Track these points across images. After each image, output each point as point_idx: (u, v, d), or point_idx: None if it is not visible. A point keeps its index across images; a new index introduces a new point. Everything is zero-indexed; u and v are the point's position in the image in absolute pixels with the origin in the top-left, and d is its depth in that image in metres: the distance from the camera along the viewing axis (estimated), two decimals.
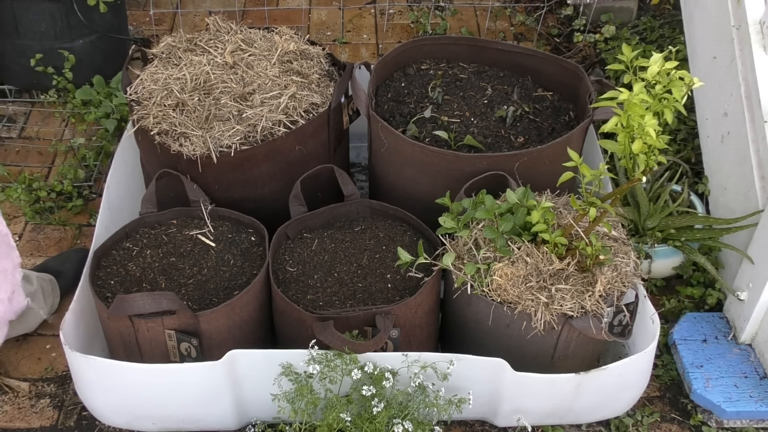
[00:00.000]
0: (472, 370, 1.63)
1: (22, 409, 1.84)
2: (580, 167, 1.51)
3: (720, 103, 2.05)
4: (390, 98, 2.08)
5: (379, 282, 1.74)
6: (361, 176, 2.41)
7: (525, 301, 1.59)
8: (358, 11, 3.21)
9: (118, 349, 1.73)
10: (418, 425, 1.61)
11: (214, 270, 1.77)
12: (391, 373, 1.60)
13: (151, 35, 2.92)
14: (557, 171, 1.57)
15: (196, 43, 2.08)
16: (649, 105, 1.33)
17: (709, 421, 1.84)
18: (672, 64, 1.32)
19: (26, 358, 1.95)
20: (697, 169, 2.23)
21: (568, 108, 2.07)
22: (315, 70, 2.03)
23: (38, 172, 2.45)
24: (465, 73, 2.16)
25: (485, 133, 1.98)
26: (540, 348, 1.66)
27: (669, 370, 1.94)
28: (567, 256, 1.64)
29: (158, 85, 1.95)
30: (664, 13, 2.93)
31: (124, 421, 1.77)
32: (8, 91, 2.67)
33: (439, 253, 1.73)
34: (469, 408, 1.66)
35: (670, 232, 2.04)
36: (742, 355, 1.92)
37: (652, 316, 1.73)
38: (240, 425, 1.78)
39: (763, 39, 1.90)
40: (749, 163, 1.92)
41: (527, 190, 1.69)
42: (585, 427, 1.84)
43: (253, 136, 1.85)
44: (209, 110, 1.89)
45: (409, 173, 1.92)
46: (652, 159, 1.40)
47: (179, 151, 1.83)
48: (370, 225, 1.88)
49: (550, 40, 2.99)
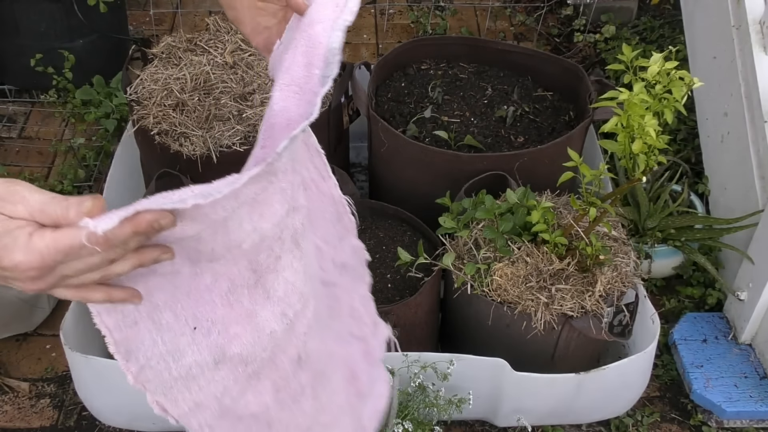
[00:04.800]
0: (472, 370, 1.63)
1: (22, 409, 1.84)
2: (580, 167, 1.51)
3: (720, 103, 2.05)
4: (390, 98, 2.08)
5: (379, 282, 1.74)
6: (361, 176, 2.41)
7: (525, 301, 1.59)
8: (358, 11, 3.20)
9: None
10: (418, 425, 1.61)
11: None
12: (391, 373, 1.60)
13: (151, 35, 2.92)
14: (557, 171, 1.57)
15: (196, 43, 2.08)
16: (649, 105, 1.33)
17: (709, 421, 1.84)
18: (672, 64, 1.32)
19: (26, 358, 1.95)
20: (697, 169, 2.23)
21: (568, 108, 2.07)
22: None
23: (38, 172, 2.45)
24: (465, 73, 2.16)
25: (485, 133, 1.98)
26: (540, 348, 1.66)
27: (669, 370, 1.94)
28: (567, 256, 1.64)
29: (158, 85, 1.95)
30: (664, 13, 2.92)
31: (124, 421, 1.77)
32: (8, 91, 2.67)
33: (439, 253, 1.73)
34: (469, 408, 1.66)
35: (670, 232, 2.04)
36: (742, 355, 1.92)
37: (652, 316, 1.73)
38: None
39: (763, 39, 1.90)
40: (749, 163, 1.92)
41: (527, 190, 1.69)
42: (585, 427, 1.84)
43: (253, 136, 1.85)
44: (209, 110, 1.89)
45: (409, 173, 1.92)
46: (652, 159, 1.40)
47: (179, 151, 1.83)
48: (370, 225, 1.88)
49: (550, 40, 2.99)
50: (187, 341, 0.79)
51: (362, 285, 1.03)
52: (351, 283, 1.01)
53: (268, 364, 0.84)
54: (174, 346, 0.79)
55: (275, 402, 0.87)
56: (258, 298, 0.81)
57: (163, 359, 0.79)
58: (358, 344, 1.02)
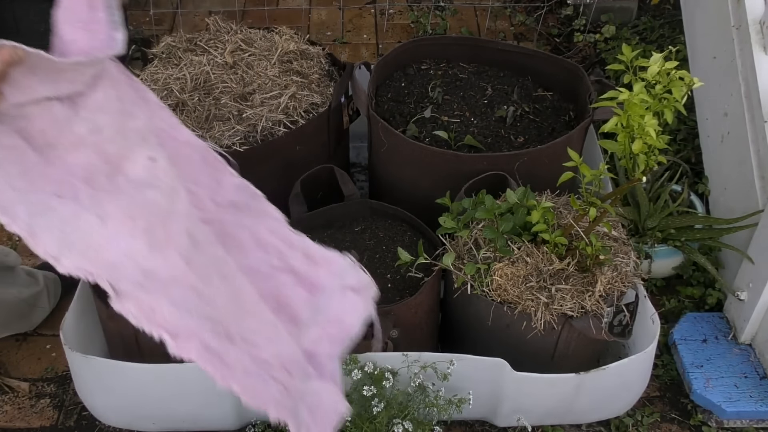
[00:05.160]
0: (472, 370, 1.63)
1: (22, 409, 1.84)
2: (580, 167, 1.52)
3: (720, 103, 2.05)
4: (390, 98, 2.08)
5: (379, 282, 1.74)
6: (361, 176, 2.41)
7: (525, 301, 1.59)
8: (358, 11, 3.21)
9: (118, 349, 1.73)
10: (418, 425, 1.61)
11: None
12: (391, 373, 1.60)
13: (151, 35, 2.92)
14: (557, 171, 1.57)
15: (196, 43, 2.08)
16: (649, 105, 1.33)
17: (709, 421, 1.84)
18: (672, 64, 1.32)
19: (26, 358, 1.95)
20: (697, 169, 2.23)
21: (568, 108, 2.07)
22: (315, 70, 2.03)
23: None
24: (465, 73, 2.16)
25: (485, 133, 1.98)
26: (540, 348, 1.66)
27: (669, 370, 1.94)
28: (567, 256, 1.64)
29: (158, 85, 1.95)
30: (664, 13, 2.92)
31: (124, 421, 1.77)
32: None
33: (439, 253, 1.73)
34: (469, 408, 1.66)
35: (670, 232, 2.04)
36: (742, 355, 1.92)
37: (652, 316, 1.73)
38: (240, 425, 1.78)
39: (763, 39, 1.90)
40: (749, 163, 1.92)
41: (527, 190, 1.69)
42: (585, 427, 1.84)
43: (253, 136, 1.86)
44: (209, 110, 1.89)
45: (409, 173, 1.92)
46: (652, 159, 1.40)
47: None
48: (370, 225, 1.88)
49: (550, 40, 2.99)
50: (56, 203, 0.94)
51: (267, 220, 1.11)
52: (249, 219, 1.09)
53: (161, 227, 0.97)
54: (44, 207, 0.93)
55: (190, 270, 0.97)
56: (120, 182, 0.97)
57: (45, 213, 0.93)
58: (285, 276, 1.09)
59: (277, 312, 1.08)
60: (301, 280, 1.11)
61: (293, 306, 1.11)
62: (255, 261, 1.09)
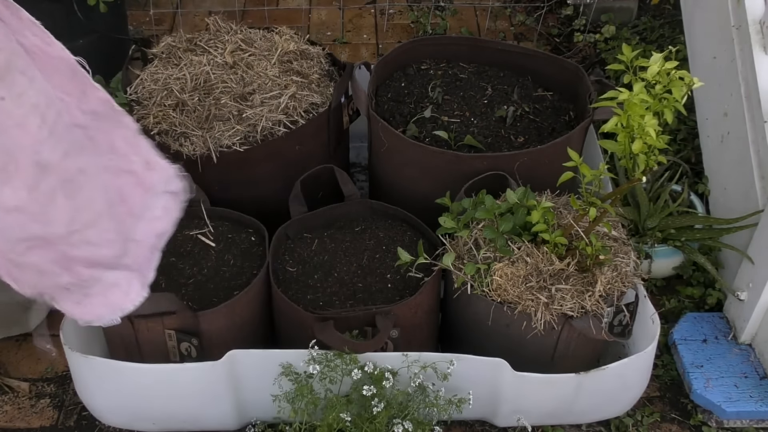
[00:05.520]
0: (472, 370, 1.63)
1: (22, 409, 1.84)
2: (580, 167, 1.52)
3: (720, 103, 2.05)
4: (390, 98, 2.08)
5: (379, 282, 1.74)
6: (361, 176, 2.41)
7: (525, 301, 1.59)
8: (358, 11, 3.21)
9: (118, 349, 1.73)
10: (418, 425, 1.61)
11: (215, 270, 1.76)
12: (391, 373, 1.60)
13: (151, 35, 2.92)
14: (557, 171, 1.57)
15: (196, 43, 2.08)
16: (649, 105, 1.33)
17: (709, 421, 1.84)
18: (672, 64, 1.32)
19: (26, 358, 1.95)
20: (697, 169, 2.23)
21: (568, 108, 2.07)
22: (315, 70, 2.03)
23: None
24: (465, 73, 2.16)
25: (485, 133, 1.98)
26: (540, 348, 1.66)
27: (669, 370, 1.94)
28: (567, 256, 1.64)
29: (158, 85, 1.95)
30: (664, 13, 2.92)
31: (124, 421, 1.77)
32: None
33: (439, 253, 1.73)
34: (469, 408, 1.66)
35: (670, 232, 2.04)
36: (742, 355, 1.92)
37: (652, 316, 1.73)
38: (240, 425, 1.78)
39: (763, 39, 1.90)
40: (749, 163, 1.92)
41: (527, 190, 1.69)
42: (585, 427, 1.84)
43: (253, 136, 1.86)
44: (209, 110, 1.89)
45: (409, 173, 1.92)
46: (652, 159, 1.40)
47: (179, 150, 1.83)
48: (370, 225, 1.88)
49: (550, 40, 2.99)
50: None
51: (122, 129, 1.30)
52: (108, 127, 1.27)
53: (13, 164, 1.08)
54: None
55: (31, 200, 1.11)
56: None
57: None
58: (127, 176, 1.31)
59: (120, 204, 1.29)
60: (140, 181, 1.32)
61: (131, 202, 1.31)
62: (108, 161, 1.27)
